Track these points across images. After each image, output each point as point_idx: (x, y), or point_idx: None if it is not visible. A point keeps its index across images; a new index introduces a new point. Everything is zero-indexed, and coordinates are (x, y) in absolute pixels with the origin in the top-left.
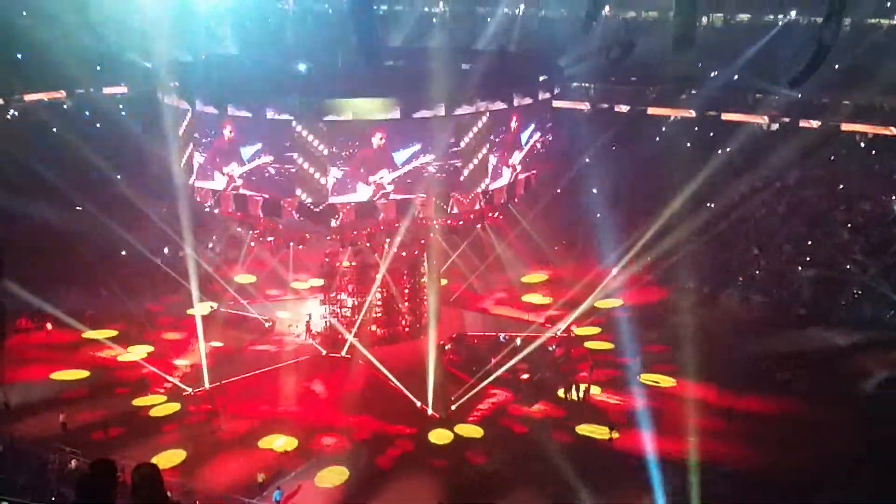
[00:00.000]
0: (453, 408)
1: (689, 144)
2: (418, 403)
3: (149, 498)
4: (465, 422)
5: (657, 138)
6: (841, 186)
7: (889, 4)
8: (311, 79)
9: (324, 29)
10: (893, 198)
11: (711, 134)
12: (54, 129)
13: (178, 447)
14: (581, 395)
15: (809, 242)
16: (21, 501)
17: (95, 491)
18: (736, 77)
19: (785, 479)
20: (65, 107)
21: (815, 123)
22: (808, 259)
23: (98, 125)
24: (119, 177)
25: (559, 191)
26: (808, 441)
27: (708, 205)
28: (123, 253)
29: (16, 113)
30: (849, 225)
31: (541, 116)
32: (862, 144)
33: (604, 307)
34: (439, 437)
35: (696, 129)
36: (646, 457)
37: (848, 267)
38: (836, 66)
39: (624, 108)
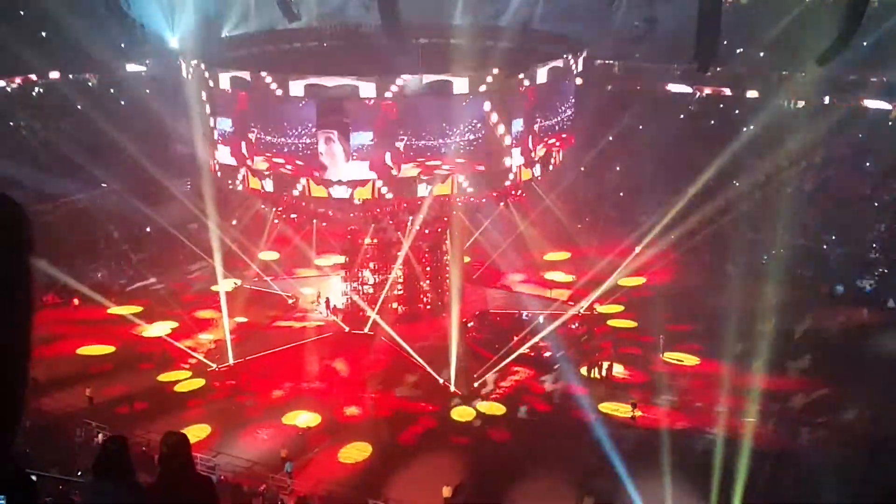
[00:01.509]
0: (476, 385)
1: (713, 122)
2: (441, 380)
3: (178, 467)
4: (488, 399)
5: (682, 116)
6: (868, 164)
7: None
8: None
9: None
10: None
11: (737, 112)
12: (79, 107)
13: (203, 422)
14: (604, 373)
15: (835, 221)
16: (47, 475)
17: (111, 466)
18: (762, 54)
19: (811, 457)
20: (90, 84)
21: (841, 101)
22: (833, 238)
23: (123, 102)
24: (144, 154)
25: (582, 168)
26: (834, 420)
27: (733, 183)
28: (148, 230)
29: (41, 91)
30: (875, 204)
31: (563, 94)
32: (890, 123)
33: (627, 285)
34: (462, 414)
35: (721, 106)
36: (668, 434)
37: (874, 245)
38: (864, 43)
39: (647, 86)
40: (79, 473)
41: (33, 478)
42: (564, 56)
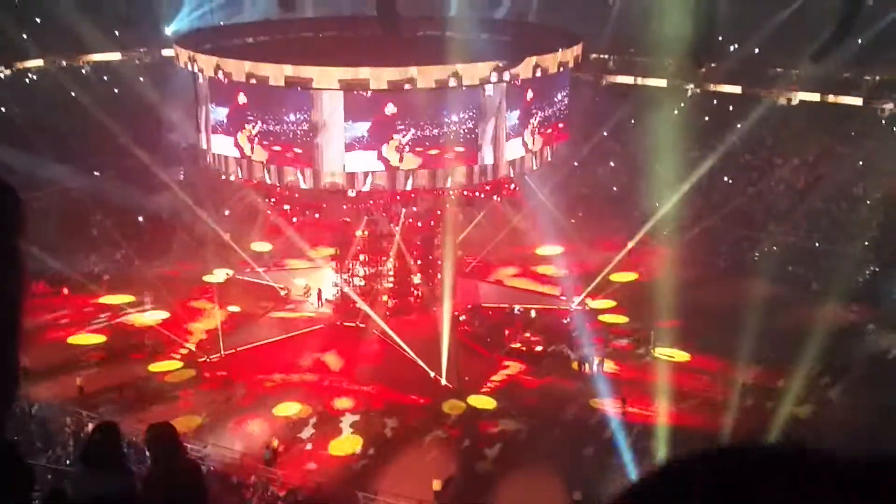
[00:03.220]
0: (467, 378)
1: (707, 118)
2: (432, 374)
3: (166, 457)
4: (479, 393)
5: (675, 112)
6: (861, 163)
7: None
8: (330, 46)
9: None
10: None
11: (730, 108)
12: (73, 94)
13: (193, 412)
14: (594, 368)
15: (827, 219)
16: (37, 464)
17: (101, 455)
18: (757, 51)
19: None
20: (83, 72)
21: (835, 99)
22: (824, 235)
23: (116, 90)
24: (137, 142)
25: (576, 163)
26: (824, 417)
27: (725, 180)
28: (140, 219)
29: (34, 77)
30: (867, 202)
31: (558, 87)
32: (883, 121)
33: (618, 280)
34: (452, 407)
35: (715, 102)
36: (659, 429)
37: (866, 244)
38: (860, 41)
39: (642, 81)
40: (67, 462)
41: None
42: (559, 49)
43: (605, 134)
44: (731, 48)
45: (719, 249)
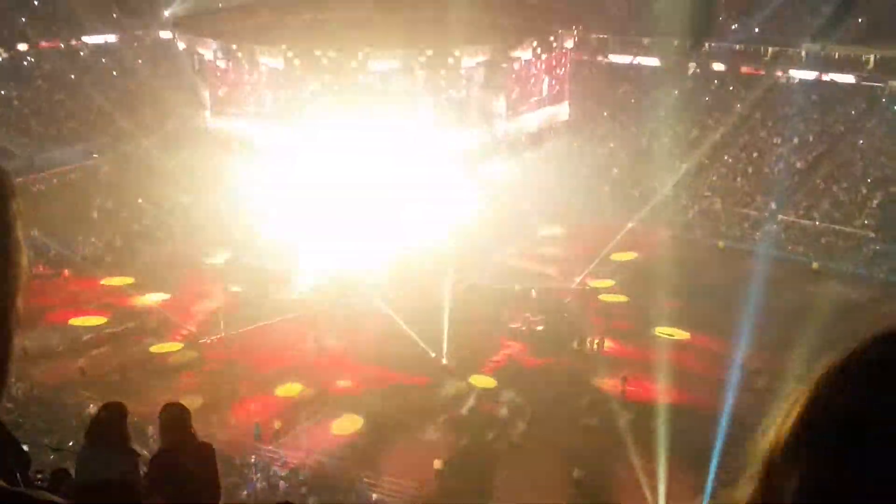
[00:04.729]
0: (467, 358)
1: (706, 98)
2: (432, 354)
3: (179, 436)
4: (479, 372)
5: (676, 92)
6: (861, 142)
7: None
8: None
9: None
10: None
11: (730, 88)
12: (72, 77)
13: (195, 393)
14: (595, 347)
15: (827, 198)
16: (40, 444)
17: (106, 433)
18: (757, 30)
19: None
20: (81, 54)
21: (837, 78)
22: (824, 215)
23: (115, 73)
24: (137, 124)
25: (576, 144)
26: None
27: (725, 159)
28: (140, 201)
29: (32, 60)
30: (868, 180)
31: (558, 68)
32: (884, 100)
33: (619, 260)
34: (453, 386)
35: (716, 82)
36: (658, 408)
37: (865, 222)
38: (861, 20)
39: (642, 61)
40: (70, 444)
41: (24, 447)
42: (560, 30)
43: (605, 114)
44: (732, 27)
45: (719, 229)
